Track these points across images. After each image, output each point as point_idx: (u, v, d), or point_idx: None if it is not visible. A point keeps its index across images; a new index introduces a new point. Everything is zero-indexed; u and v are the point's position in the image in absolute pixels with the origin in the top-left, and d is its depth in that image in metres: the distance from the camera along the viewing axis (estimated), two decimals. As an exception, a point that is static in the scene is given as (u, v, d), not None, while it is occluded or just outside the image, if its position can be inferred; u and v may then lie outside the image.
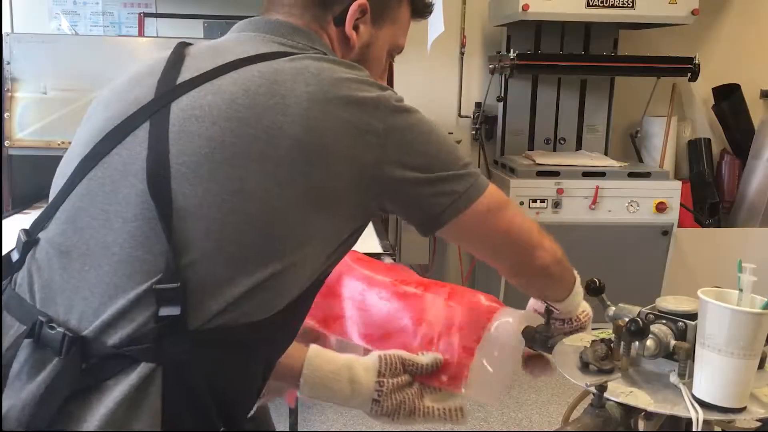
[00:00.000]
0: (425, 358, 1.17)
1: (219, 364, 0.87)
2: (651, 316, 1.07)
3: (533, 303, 1.26)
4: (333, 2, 1.01)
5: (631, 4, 3.47)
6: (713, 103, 4.22)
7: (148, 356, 0.83)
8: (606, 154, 4.00)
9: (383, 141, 0.90)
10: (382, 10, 1.04)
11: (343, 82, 0.90)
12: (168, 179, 0.86)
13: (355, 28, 1.02)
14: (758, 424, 1.02)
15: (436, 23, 2.69)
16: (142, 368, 0.82)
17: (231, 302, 0.85)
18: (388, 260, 2.11)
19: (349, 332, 1.37)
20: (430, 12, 1.14)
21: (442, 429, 1.22)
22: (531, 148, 4.01)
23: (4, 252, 1.02)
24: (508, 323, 1.18)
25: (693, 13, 3.50)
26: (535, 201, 3.53)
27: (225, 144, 0.86)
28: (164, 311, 0.83)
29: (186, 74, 0.96)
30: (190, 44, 1.07)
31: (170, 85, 0.94)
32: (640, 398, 0.99)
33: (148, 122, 0.91)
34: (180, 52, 1.04)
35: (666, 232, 3.58)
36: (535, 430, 2.93)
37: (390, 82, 3.07)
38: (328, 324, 1.37)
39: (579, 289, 1.19)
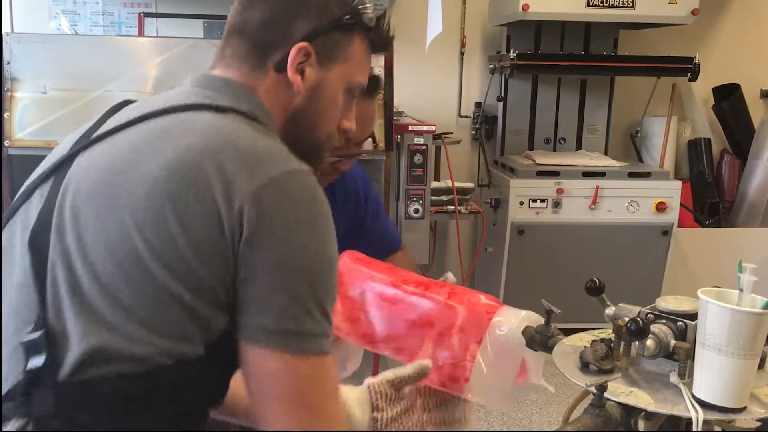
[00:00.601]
0: (409, 368, 1.13)
1: (95, 418, 0.81)
2: (651, 316, 1.07)
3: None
4: (271, 50, 0.97)
5: (631, 4, 3.47)
6: (713, 103, 4.22)
7: (20, 411, 0.81)
8: (606, 154, 4.00)
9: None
10: (329, 51, 0.99)
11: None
12: (48, 231, 0.86)
13: (301, 72, 0.97)
14: (758, 424, 1.02)
15: (434, 23, 2.69)
16: (14, 424, 0.81)
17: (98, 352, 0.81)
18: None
19: (349, 333, 1.37)
20: (390, 45, 1.09)
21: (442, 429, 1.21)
22: (531, 148, 4.01)
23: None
24: (508, 322, 1.18)
25: (693, 13, 3.50)
26: (535, 201, 3.53)
27: (103, 201, 0.86)
28: (31, 362, 0.81)
29: (104, 128, 0.95)
30: (133, 101, 1.04)
31: (83, 141, 0.95)
32: (640, 398, 0.99)
33: (53, 177, 0.92)
34: (119, 106, 1.02)
35: (666, 232, 3.58)
36: (535, 430, 2.93)
37: (390, 83, 3.07)
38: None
39: None
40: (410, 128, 3.09)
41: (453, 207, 3.34)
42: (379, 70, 3.05)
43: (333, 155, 1.39)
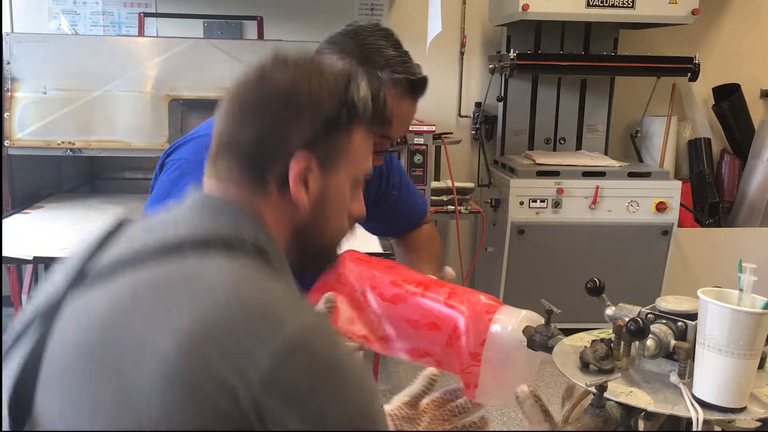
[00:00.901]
0: (419, 383, 1.13)
1: None
2: (651, 316, 1.07)
3: None
4: (269, 165, 0.90)
5: (631, 4, 3.47)
6: (713, 103, 4.22)
7: None
8: (606, 154, 4.00)
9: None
10: (330, 154, 0.92)
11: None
12: (33, 387, 0.79)
13: (305, 182, 0.91)
14: (758, 424, 1.02)
15: (434, 23, 2.69)
16: None
17: None
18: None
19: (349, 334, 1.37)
20: (390, 120, 1.03)
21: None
22: (531, 147, 4.02)
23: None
24: (508, 322, 1.18)
25: (693, 13, 3.51)
26: (535, 201, 3.53)
27: (85, 358, 0.77)
28: None
29: (98, 264, 0.85)
30: (130, 220, 0.93)
31: (77, 278, 0.85)
32: (640, 398, 0.99)
33: (41, 322, 0.83)
34: (117, 226, 0.92)
35: (666, 232, 3.58)
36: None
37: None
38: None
39: None
40: (410, 128, 3.09)
41: (453, 207, 3.34)
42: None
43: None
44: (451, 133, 3.64)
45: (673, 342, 1.04)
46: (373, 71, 1.28)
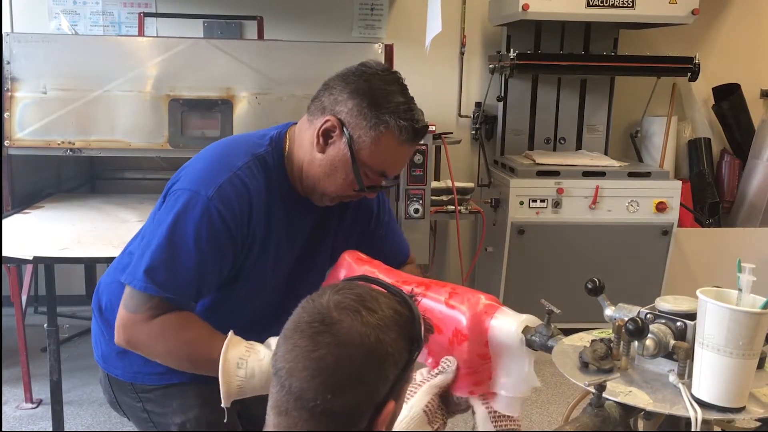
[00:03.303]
0: (442, 374, 1.16)
1: None
2: (650, 315, 1.07)
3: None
4: (359, 421, 0.92)
5: (631, 4, 3.47)
6: (713, 103, 4.22)
7: None
8: (606, 153, 4.00)
9: None
10: (403, 387, 0.97)
11: None
12: None
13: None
14: (757, 423, 1.02)
15: (433, 23, 2.69)
16: None
17: None
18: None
19: None
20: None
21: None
22: (531, 147, 4.02)
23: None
24: (507, 322, 1.18)
25: (693, 13, 3.51)
26: (535, 201, 3.53)
27: None
28: None
29: None
30: None
31: None
32: (639, 398, 0.99)
33: None
34: None
35: (666, 232, 3.58)
36: (535, 430, 2.93)
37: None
38: None
39: None
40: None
41: (453, 207, 3.34)
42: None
43: (365, 189, 1.42)
44: (451, 133, 3.64)
45: (672, 342, 1.04)
46: (381, 115, 1.34)
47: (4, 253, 2.26)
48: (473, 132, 4.12)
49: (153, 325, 1.31)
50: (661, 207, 3.55)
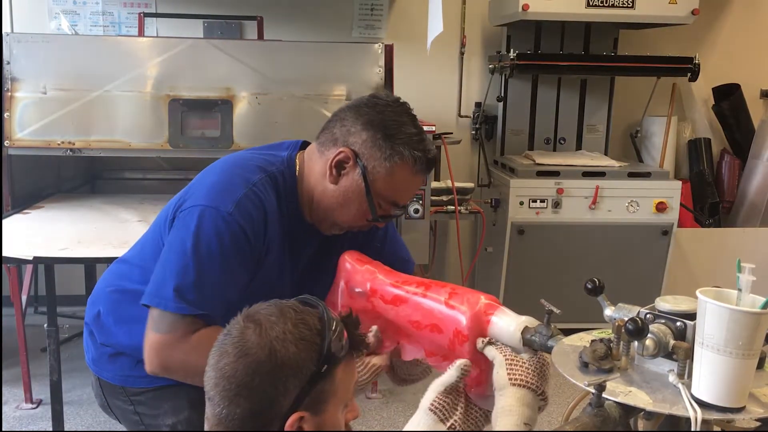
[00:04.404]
0: (453, 372, 1.15)
1: None
2: (650, 315, 1.07)
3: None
4: (266, 429, 0.98)
5: (631, 4, 3.47)
6: (713, 103, 4.22)
7: None
8: (606, 154, 4.00)
9: None
10: (318, 401, 1.00)
11: None
12: None
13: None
14: (757, 423, 1.02)
15: (434, 23, 2.69)
16: None
17: None
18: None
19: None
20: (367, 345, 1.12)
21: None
22: (531, 148, 4.02)
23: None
24: (507, 322, 1.17)
25: (693, 13, 3.51)
26: (535, 201, 3.53)
27: None
28: None
29: None
30: None
31: None
32: (639, 398, 0.99)
33: None
34: None
35: (666, 232, 3.58)
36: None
37: (390, 83, 3.07)
38: None
39: None
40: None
41: (453, 207, 3.34)
42: (379, 70, 3.05)
43: (378, 219, 1.44)
44: (451, 133, 3.64)
45: (672, 342, 1.04)
46: (396, 146, 1.37)
47: (4, 253, 2.26)
48: (473, 132, 4.12)
49: (188, 344, 1.30)
50: (661, 207, 3.55)
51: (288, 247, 1.45)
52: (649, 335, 1.03)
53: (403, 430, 1.09)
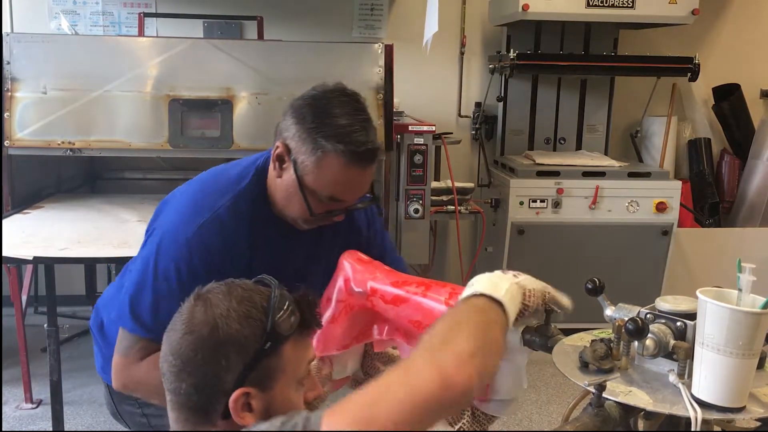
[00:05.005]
0: None
1: None
2: (650, 315, 1.07)
3: None
4: (211, 408, 0.99)
5: (631, 4, 3.47)
6: (713, 103, 4.22)
7: None
8: (606, 154, 4.00)
9: None
10: (265, 378, 0.99)
11: None
12: None
13: (249, 408, 0.99)
14: (757, 423, 1.02)
15: (431, 23, 2.69)
16: None
17: None
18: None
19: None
20: (319, 323, 1.09)
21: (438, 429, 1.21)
22: (531, 148, 4.02)
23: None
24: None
25: (693, 13, 3.51)
26: (535, 201, 3.53)
27: None
28: None
29: None
30: None
31: None
32: (639, 397, 0.99)
33: None
34: None
35: (666, 232, 3.58)
36: (535, 430, 2.93)
37: (390, 83, 3.06)
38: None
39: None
40: (410, 128, 3.09)
41: (453, 207, 3.34)
42: (379, 70, 3.05)
43: (314, 215, 1.39)
44: (451, 133, 3.64)
45: (672, 342, 1.04)
46: (319, 139, 1.30)
47: (4, 253, 2.25)
48: (473, 132, 4.12)
49: (143, 366, 1.33)
50: (661, 207, 3.55)
51: (271, 253, 1.43)
52: (649, 335, 1.03)
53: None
